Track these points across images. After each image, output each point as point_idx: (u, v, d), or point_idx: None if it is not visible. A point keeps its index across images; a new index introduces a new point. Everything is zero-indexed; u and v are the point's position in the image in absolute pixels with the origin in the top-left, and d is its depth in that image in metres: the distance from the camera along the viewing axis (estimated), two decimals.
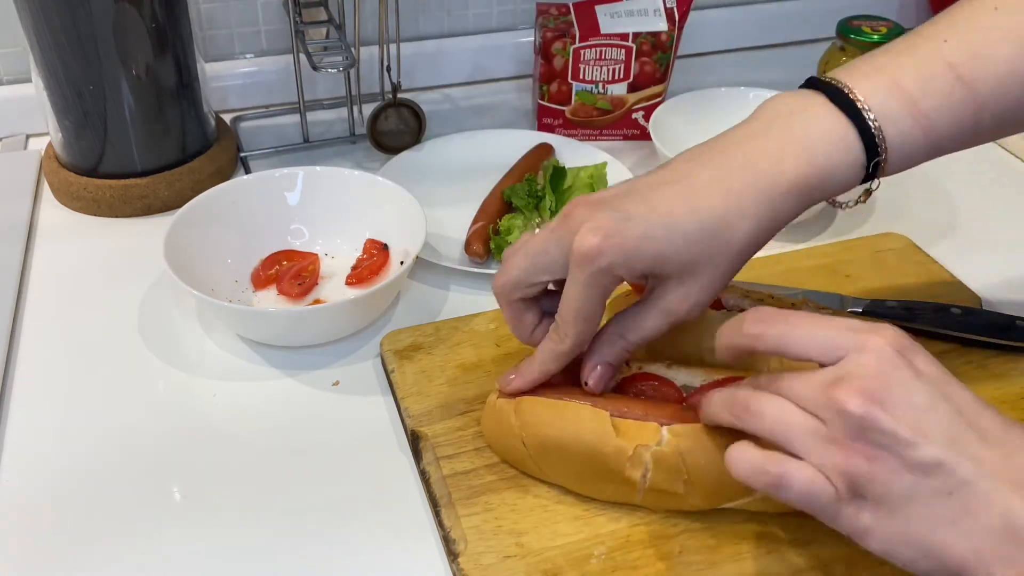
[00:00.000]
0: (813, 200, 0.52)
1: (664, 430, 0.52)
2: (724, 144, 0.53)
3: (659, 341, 0.64)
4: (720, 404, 0.49)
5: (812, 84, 0.53)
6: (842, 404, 0.42)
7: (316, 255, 0.77)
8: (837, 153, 0.50)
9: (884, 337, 0.43)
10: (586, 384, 0.55)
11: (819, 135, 0.51)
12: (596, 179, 0.84)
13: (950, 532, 0.40)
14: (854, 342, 0.44)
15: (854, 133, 0.50)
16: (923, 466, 0.41)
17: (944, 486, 0.41)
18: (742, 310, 0.64)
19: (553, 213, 0.81)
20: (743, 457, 0.45)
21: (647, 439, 0.52)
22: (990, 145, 1.00)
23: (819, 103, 0.52)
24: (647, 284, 0.55)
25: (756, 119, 0.53)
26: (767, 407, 0.45)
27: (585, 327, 0.53)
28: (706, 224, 0.50)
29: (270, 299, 0.74)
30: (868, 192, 0.57)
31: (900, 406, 0.41)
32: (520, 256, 0.54)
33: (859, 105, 0.50)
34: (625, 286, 0.67)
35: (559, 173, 0.83)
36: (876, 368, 0.42)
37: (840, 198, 0.56)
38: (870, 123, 0.50)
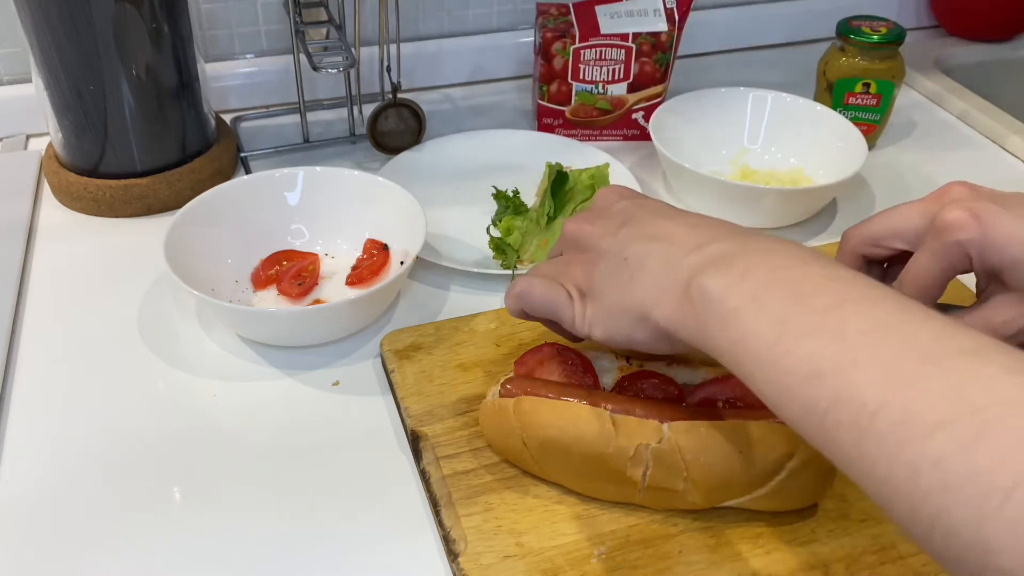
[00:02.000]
0: None
1: (665, 427, 0.52)
2: None
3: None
4: (509, 300, 0.58)
5: None
6: (565, 227, 0.56)
7: (316, 255, 0.77)
8: None
9: (613, 189, 0.58)
10: None
11: None
12: (598, 180, 0.83)
13: (631, 289, 0.50)
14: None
15: None
16: (606, 252, 0.52)
17: (622, 262, 0.51)
18: None
19: (552, 219, 0.80)
20: (506, 294, 0.57)
21: (648, 438, 0.52)
22: (990, 145, 1.00)
23: None
24: (982, 288, 0.54)
25: None
26: (530, 275, 0.57)
27: (918, 296, 0.52)
28: None
29: (270, 299, 0.74)
30: None
31: (600, 221, 0.55)
32: (883, 215, 0.55)
33: None
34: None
35: (562, 178, 0.81)
36: (595, 204, 0.57)
37: None
38: None
